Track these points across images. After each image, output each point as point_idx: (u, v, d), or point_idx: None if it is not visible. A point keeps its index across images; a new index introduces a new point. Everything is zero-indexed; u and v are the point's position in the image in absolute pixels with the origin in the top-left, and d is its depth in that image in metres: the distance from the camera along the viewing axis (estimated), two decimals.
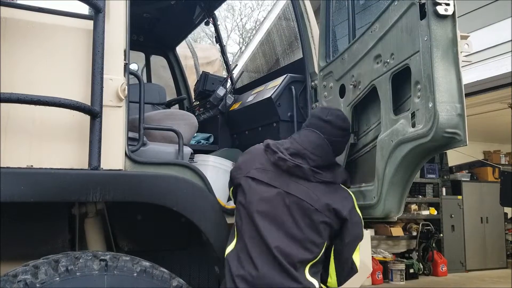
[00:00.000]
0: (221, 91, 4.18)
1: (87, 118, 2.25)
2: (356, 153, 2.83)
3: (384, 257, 8.79)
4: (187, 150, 3.01)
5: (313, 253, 2.23)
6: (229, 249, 2.31)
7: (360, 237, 2.37)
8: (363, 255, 3.10)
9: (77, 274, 2.03)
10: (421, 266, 9.05)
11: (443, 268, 9.13)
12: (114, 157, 2.34)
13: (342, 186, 2.44)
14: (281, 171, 2.33)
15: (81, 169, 2.23)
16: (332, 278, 2.36)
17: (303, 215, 2.25)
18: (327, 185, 2.35)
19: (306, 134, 2.44)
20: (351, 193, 2.44)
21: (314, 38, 3.34)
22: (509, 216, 10.85)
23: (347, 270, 2.37)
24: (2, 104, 2.08)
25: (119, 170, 2.35)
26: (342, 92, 2.87)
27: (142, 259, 2.24)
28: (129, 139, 2.48)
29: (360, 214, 2.40)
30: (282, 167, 2.33)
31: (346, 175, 2.48)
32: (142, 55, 5.19)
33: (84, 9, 2.37)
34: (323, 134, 2.42)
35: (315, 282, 2.21)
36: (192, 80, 5.49)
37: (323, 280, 2.37)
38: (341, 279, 2.38)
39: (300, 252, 2.20)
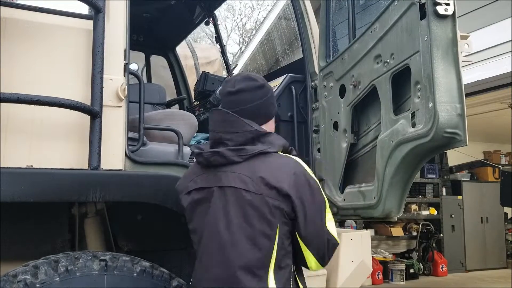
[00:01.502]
0: None
1: (87, 118, 2.24)
2: (356, 153, 2.84)
3: (384, 257, 8.79)
4: (187, 150, 3.01)
5: (262, 249, 1.83)
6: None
7: (321, 204, 1.96)
8: (363, 252, 3.12)
9: (77, 274, 2.03)
10: (421, 266, 9.05)
11: (443, 268, 9.13)
12: (114, 157, 2.34)
13: (282, 154, 2.01)
14: (208, 169, 1.99)
15: (81, 169, 2.23)
16: (311, 262, 1.96)
17: (243, 205, 1.87)
18: (260, 158, 1.92)
19: (212, 118, 2.05)
20: (293, 157, 2.00)
21: (314, 38, 3.34)
22: (509, 216, 10.85)
23: (323, 247, 1.95)
24: (2, 104, 2.08)
25: (119, 170, 2.35)
26: (342, 92, 2.87)
27: (142, 259, 2.24)
28: (129, 139, 2.48)
29: (313, 177, 1.97)
30: (204, 163, 2.00)
31: (283, 141, 2.04)
32: (142, 55, 5.19)
33: (84, 9, 2.37)
34: (239, 106, 2.00)
35: None
36: (192, 80, 5.49)
37: (305, 267, 2.01)
38: (323, 259, 1.98)
39: (251, 252, 1.83)
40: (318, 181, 1.98)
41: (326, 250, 1.96)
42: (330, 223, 1.98)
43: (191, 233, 2.06)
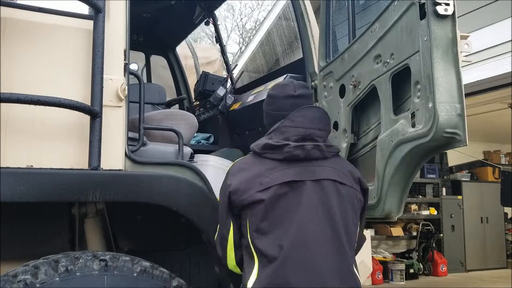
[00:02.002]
0: (221, 91, 4.18)
1: (87, 118, 2.25)
2: (356, 153, 2.83)
3: (384, 257, 8.79)
4: (187, 150, 3.01)
5: (354, 236, 2.05)
6: (251, 281, 1.92)
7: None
8: (363, 252, 3.12)
9: (77, 274, 2.03)
10: (421, 266, 9.04)
11: (443, 268, 9.13)
12: (114, 157, 2.34)
13: None
14: (297, 163, 2.01)
15: (81, 169, 2.23)
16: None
17: (341, 196, 2.02)
18: (338, 157, 2.17)
19: (302, 114, 2.08)
20: None
21: (314, 38, 3.34)
22: (509, 216, 10.84)
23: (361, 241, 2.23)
24: (2, 104, 2.08)
25: (119, 170, 2.35)
26: (342, 92, 2.87)
27: (142, 259, 2.24)
28: (129, 139, 2.47)
29: None
30: (300, 156, 2.00)
31: None
32: (142, 55, 5.19)
33: (84, 9, 2.37)
34: None
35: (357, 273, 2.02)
36: (192, 80, 5.49)
37: None
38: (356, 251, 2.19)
39: (350, 239, 2.01)
40: None
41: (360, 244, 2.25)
42: None
43: (265, 228, 1.93)
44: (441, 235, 9.51)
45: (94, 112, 2.22)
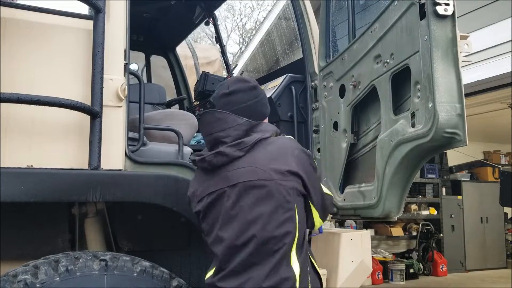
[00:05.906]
0: None
1: (87, 118, 2.25)
2: (356, 153, 2.84)
3: (384, 257, 8.79)
4: (187, 150, 3.01)
5: (287, 232, 1.91)
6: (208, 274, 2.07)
7: (316, 170, 2.14)
8: (363, 252, 3.11)
9: (77, 274, 2.03)
10: (421, 266, 9.05)
11: (443, 268, 9.13)
12: (114, 157, 2.34)
13: (276, 137, 2.11)
14: (214, 172, 2.05)
15: (81, 169, 2.24)
16: (316, 220, 2.12)
17: (260, 194, 1.93)
18: (260, 147, 2.01)
19: (205, 121, 2.10)
20: (286, 136, 2.14)
21: (314, 38, 3.34)
22: (509, 216, 10.84)
23: (324, 205, 2.16)
24: (2, 104, 2.08)
25: (119, 170, 2.36)
26: (342, 92, 2.87)
27: (142, 259, 2.24)
28: (129, 139, 2.48)
29: (305, 150, 2.13)
30: (208, 168, 2.05)
31: (273, 126, 2.15)
32: (142, 55, 5.19)
33: (84, 9, 2.37)
34: (234, 107, 2.08)
35: (296, 268, 1.91)
36: (192, 80, 5.49)
37: (311, 227, 2.15)
38: (326, 214, 2.21)
39: (275, 238, 1.90)
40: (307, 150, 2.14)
41: (327, 207, 2.21)
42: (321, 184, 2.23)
43: (206, 234, 2.10)
44: (441, 235, 9.51)
45: (94, 112, 2.22)
